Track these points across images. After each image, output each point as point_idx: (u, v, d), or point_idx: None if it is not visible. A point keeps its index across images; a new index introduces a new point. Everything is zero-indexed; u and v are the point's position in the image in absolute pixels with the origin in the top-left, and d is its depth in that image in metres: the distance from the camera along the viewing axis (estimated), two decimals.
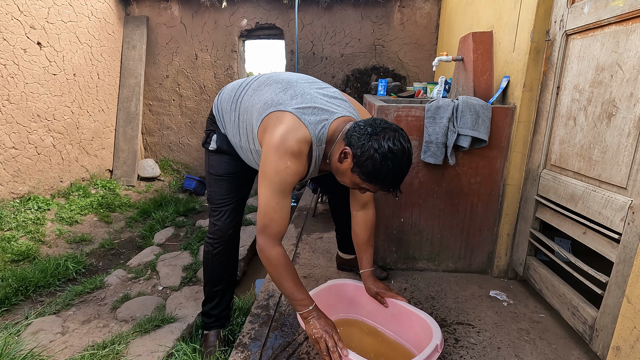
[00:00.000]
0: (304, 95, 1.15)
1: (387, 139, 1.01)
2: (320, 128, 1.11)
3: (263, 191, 1.12)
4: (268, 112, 1.13)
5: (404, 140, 1.03)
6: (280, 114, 1.11)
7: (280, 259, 1.14)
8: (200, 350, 1.44)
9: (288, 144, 1.06)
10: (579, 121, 1.34)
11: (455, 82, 2.14)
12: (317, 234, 2.39)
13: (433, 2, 3.69)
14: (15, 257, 2.25)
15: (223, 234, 1.43)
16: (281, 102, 1.14)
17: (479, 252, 1.86)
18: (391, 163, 1.00)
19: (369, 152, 1.01)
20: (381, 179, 1.03)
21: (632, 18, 1.11)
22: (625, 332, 0.98)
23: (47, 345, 1.53)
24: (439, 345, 1.08)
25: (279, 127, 1.09)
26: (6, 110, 2.65)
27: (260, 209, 1.14)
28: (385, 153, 0.99)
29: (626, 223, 1.10)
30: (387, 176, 1.02)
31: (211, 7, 3.87)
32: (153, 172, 4.06)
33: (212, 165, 1.41)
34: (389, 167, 1.00)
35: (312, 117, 1.11)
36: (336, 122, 1.13)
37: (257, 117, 1.17)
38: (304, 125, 1.09)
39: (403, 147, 1.02)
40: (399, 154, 1.01)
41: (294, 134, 1.07)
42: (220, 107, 1.37)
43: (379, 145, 1.00)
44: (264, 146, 1.12)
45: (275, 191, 1.11)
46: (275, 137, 1.08)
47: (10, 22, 2.65)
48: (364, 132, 1.03)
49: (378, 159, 1.00)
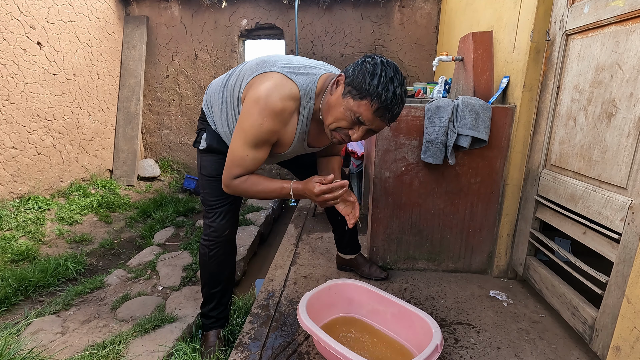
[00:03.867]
0: (289, 59, 1.18)
1: (380, 57, 1.03)
2: (309, 82, 1.12)
3: (235, 140, 1.13)
4: (255, 74, 1.14)
5: (394, 63, 1.05)
6: (268, 74, 1.12)
7: (245, 181, 1.17)
8: (200, 350, 1.44)
9: (270, 100, 1.07)
10: (579, 121, 1.34)
11: (455, 82, 2.14)
12: (317, 234, 2.39)
13: (433, 2, 3.69)
14: (15, 257, 2.24)
15: (218, 235, 1.41)
16: (267, 64, 1.15)
17: (479, 252, 1.86)
18: (386, 70, 1.00)
19: (362, 65, 1.02)
20: (376, 87, 0.99)
21: (632, 18, 1.11)
22: (625, 332, 0.98)
23: (47, 345, 1.53)
24: (439, 345, 1.08)
25: (265, 83, 1.09)
26: (6, 110, 2.65)
27: (229, 158, 1.16)
28: (377, 63, 1.01)
29: (626, 223, 1.10)
30: (381, 83, 0.99)
31: (211, 7, 3.87)
32: (153, 172, 4.06)
33: (204, 167, 1.40)
34: (381, 74, 0.99)
35: (299, 75, 1.12)
36: (325, 76, 1.15)
37: (245, 83, 1.18)
38: (291, 81, 1.10)
39: (395, 64, 1.04)
40: (392, 66, 1.02)
41: (279, 91, 1.08)
42: (210, 100, 1.37)
43: (372, 60, 1.02)
44: (246, 99, 1.12)
45: (246, 144, 1.12)
46: (258, 91, 1.09)
47: (10, 22, 2.64)
48: (356, 61, 1.06)
49: (369, 67, 1.01)
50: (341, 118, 1.07)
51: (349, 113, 1.05)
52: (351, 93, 1.03)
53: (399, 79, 1.02)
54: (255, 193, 1.19)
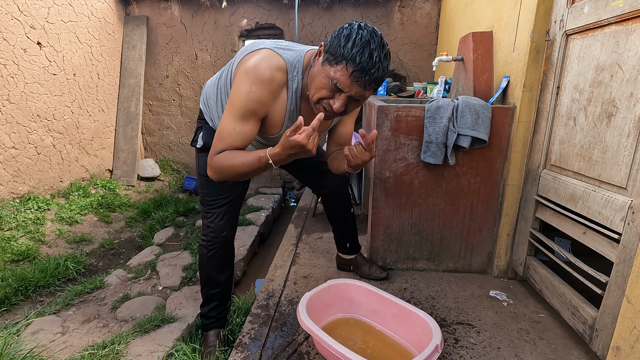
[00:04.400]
0: (277, 41, 1.19)
1: (357, 22, 1.01)
2: (295, 56, 1.13)
3: (224, 115, 1.12)
4: (244, 55, 1.15)
5: (373, 27, 1.02)
6: (255, 51, 1.13)
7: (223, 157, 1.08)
8: (200, 350, 1.44)
9: (259, 69, 1.07)
10: (579, 121, 1.34)
11: (455, 82, 2.14)
12: (317, 234, 2.39)
13: (433, 2, 3.69)
14: (15, 257, 2.25)
15: (216, 236, 1.41)
16: (255, 45, 1.17)
17: (479, 252, 1.86)
18: (362, 33, 0.97)
19: (338, 31, 1.01)
20: (350, 50, 0.96)
21: (632, 18, 1.11)
22: (625, 332, 0.98)
23: (47, 345, 1.53)
24: (439, 345, 1.08)
25: (253, 57, 1.10)
26: (6, 110, 2.65)
27: (216, 135, 1.13)
28: (354, 27, 0.99)
29: (626, 223, 1.10)
30: (353, 47, 0.96)
31: (211, 7, 3.87)
32: (153, 172, 4.06)
33: (202, 166, 1.38)
34: (356, 37, 0.97)
35: (286, 51, 1.13)
36: (310, 52, 1.16)
37: (235, 66, 1.18)
38: (278, 55, 1.11)
39: (375, 29, 1.01)
40: (370, 30, 0.99)
41: (267, 61, 1.08)
42: (206, 97, 1.37)
43: (349, 24, 1.01)
44: (236, 76, 1.12)
45: (234, 115, 1.09)
46: (247, 64, 1.09)
47: (10, 22, 2.64)
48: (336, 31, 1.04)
49: (345, 32, 0.99)
50: (321, 87, 1.04)
51: (327, 80, 1.02)
52: (328, 60, 1.01)
53: (376, 42, 0.98)
54: (234, 169, 1.08)
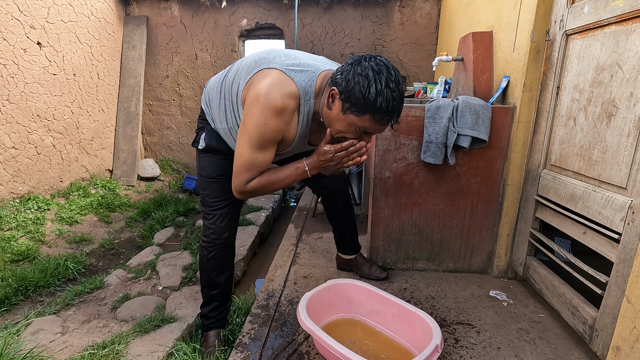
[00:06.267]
0: (287, 55, 1.16)
1: (368, 60, 1.00)
2: (308, 81, 1.10)
3: (241, 144, 1.11)
4: (254, 72, 1.13)
5: (384, 59, 1.02)
6: (266, 71, 1.10)
7: (259, 181, 1.16)
8: (200, 350, 1.44)
9: (271, 98, 1.05)
10: (579, 121, 1.34)
11: (455, 82, 2.14)
12: (317, 234, 2.39)
13: (433, 2, 3.69)
14: (15, 257, 2.25)
15: (217, 237, 1.40)
16: (265, 61, 1.13)
17: (478, 252, 1.86)
18: (379, 78, 0.97)
19: (354, 79, 0.99)
20: (374, 101, 0.98)
21: (632, 18, 1.11)
22: (625, 332, 0.98)
23: (47, 345, 1.53)
24: (439, 345, 1.08)
25: (264, 81, 1.08)
26: (6, 110, 2.65)
27: (237, 163, 1.14)
28: (369, 72, 0.98)
29: (626, 223, 1.10)
30: (378, 95, 0.97)
31: (211, 7, 3.87)
32: (153, 172, 4.06)
33: (203, 167, 1.38)
34: (378, 85, 0.97)
35: (298, 73, 1.10)
36: (323, 74, 1.13)
37: (243, 81, 1.16)
38: (290, 79, 1.08)
39: (385, 62, 1.01)
40: (384, 68, 0.99)
41: (279, 88, 1.06)
42: (208, 98, 1.35)
43: (361, 69, 0.99)
44: (247, 100, 1.11)
45: (254, 147, 1.10)
46: (258, 89, 1.07)
47: (10, 22, 2.64)
48: (345, 68, 1.03)
49: (363, 81, 0.98)
50: (346, 131, 1.08)
51: (353, 127, 1.06)
52: (351, 110, 1.02)
53: (393, 79, 0.99)
54: (273, 186, 1.18)
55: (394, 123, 1.06)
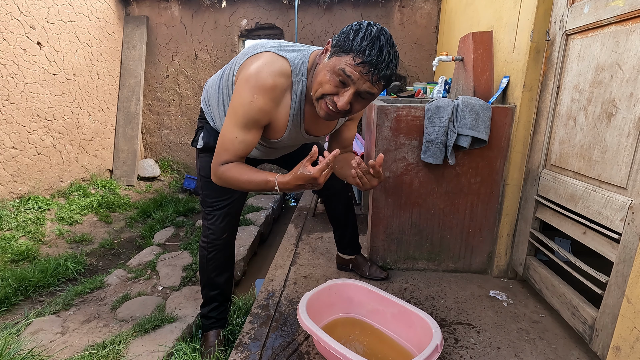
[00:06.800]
0: (280, 42, 1.16)
1: (366, 21, 1.00)
2: (300, 58, 1.09)
3: (226, 123, 1.10)
4: (245, 58, 1.12)
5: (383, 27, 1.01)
6: (258, 55, 1.10)
7: (230, 169, 1.10)
8: (200, 350, 1.44)
9: (261, 76, 1.04)
10: (579, 121, 1.34)
11: (455, 82, 2.14)
12: (317, 234, 2.39)
13: (433, 2, 3.69)
14: (15, 257, 2.25)
15: (217, 237, 1.40)
16: (257, 47, 1.13)
17: (478, 252, 1.86)
18: (369, 29, 0.95)
19: (346, 27, 0.99)
20: (359, 43, 0.94)
21: (632, 18, 1.11)
22: (625, 332, 0.98)
23: (47, 345, 1.53)
24: (439, 345, 1.08)
25: (255, 63, 1.07)
26: (6, 110, 2.65)
27: (218, 143, 1.11)
28: (363, 24, 0.97)
29: (626, 223, 1.10)
30: (363, 40, 0.94)
31: (211, 7, 3.87)
32: (153, 172, 4.06)
33: (202, 167, 1.37)
34: (366, 32, 0.95)
35: (290, 52, 1.10)
36: (316, 52, 1.13)
37: (236, 69, 1.16)
38: (281, 58, 1.07)
39: (382, 27, 0.99)
40: (377, 27, 0.97)
41: (269, 67, 1.05)
42: (207, 96, 1.35)
43: (358, 22, 0.99)
44: (237, 82, 1.10)
45: (237, 125, 1.07)
46: (249, 70, 1.06)
47: (10, 22, 2.64)
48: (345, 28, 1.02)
49: (354, 27, 0.97)
50: (325, 81, 1.00)
51: (332, 74, 0.99)
52: (335, 52, 0.98)
53: (386, 39, 0.95)
54: (240, 184, 1.11)
55: (376, 82, 0.97)
